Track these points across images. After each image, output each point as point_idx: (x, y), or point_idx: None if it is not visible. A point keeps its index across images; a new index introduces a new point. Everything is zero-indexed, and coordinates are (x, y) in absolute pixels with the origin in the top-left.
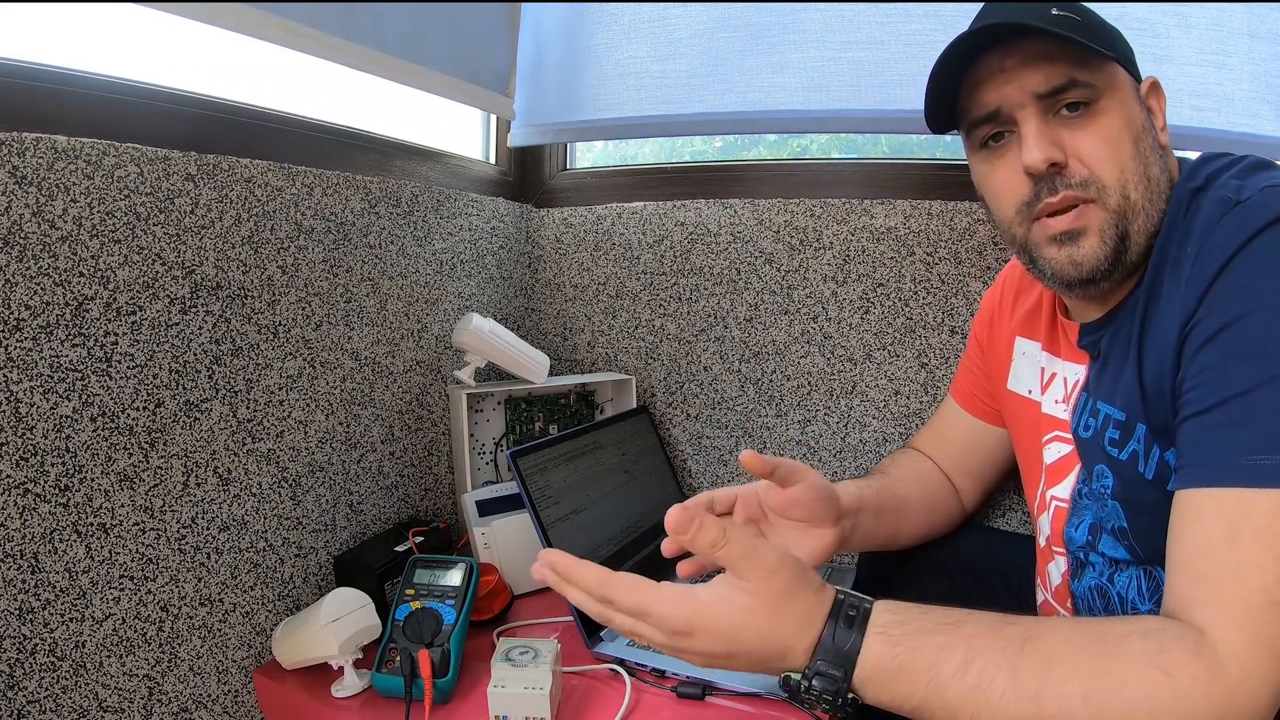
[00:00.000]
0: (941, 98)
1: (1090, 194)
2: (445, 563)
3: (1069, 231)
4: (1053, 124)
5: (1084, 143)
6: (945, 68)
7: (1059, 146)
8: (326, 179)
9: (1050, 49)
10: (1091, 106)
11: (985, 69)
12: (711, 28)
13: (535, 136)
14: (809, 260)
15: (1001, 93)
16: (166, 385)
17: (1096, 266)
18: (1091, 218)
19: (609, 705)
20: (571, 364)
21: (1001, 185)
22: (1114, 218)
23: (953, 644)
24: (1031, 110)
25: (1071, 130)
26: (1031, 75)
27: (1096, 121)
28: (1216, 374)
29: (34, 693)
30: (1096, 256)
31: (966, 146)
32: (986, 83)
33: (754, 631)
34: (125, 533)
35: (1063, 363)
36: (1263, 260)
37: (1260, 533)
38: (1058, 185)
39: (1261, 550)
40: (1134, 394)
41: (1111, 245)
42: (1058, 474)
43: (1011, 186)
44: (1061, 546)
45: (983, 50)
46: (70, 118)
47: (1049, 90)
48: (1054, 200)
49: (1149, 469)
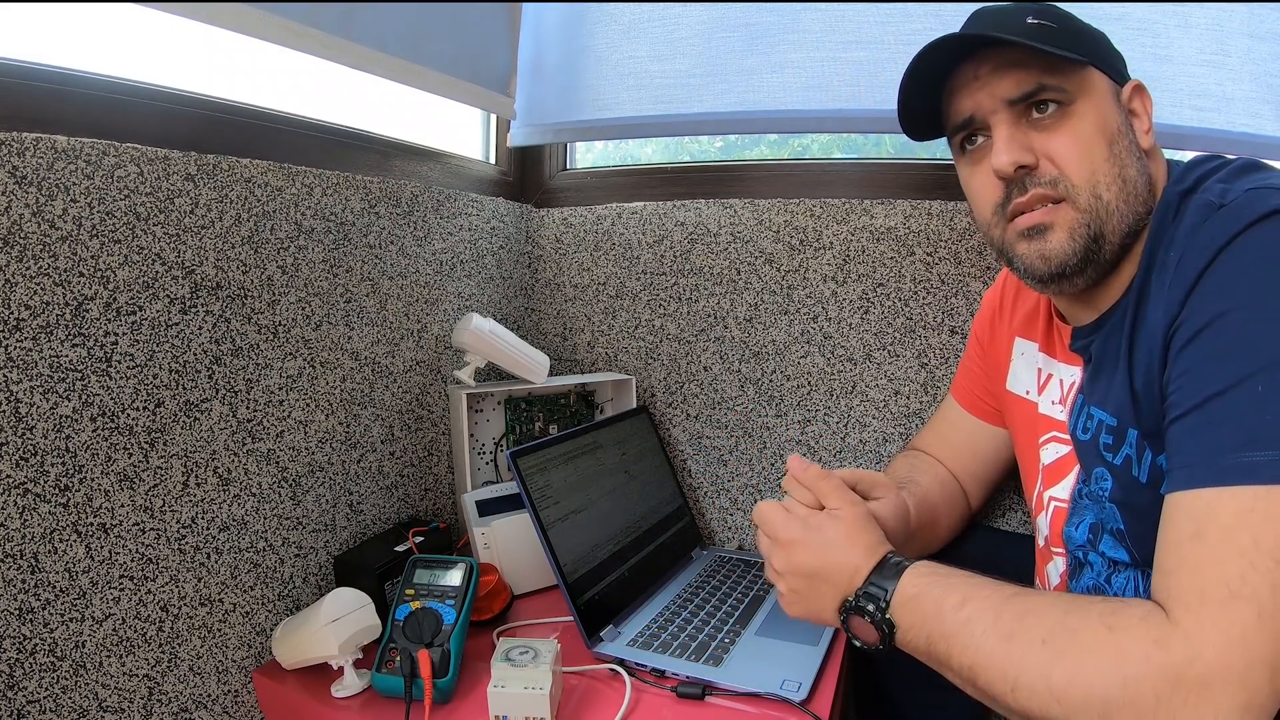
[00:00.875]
0: (920, 104)
1: (1059, 192)
2: (445, 563)
3: (1036, 226)
4: (1024, 128)
5: (1055, 144)
6: (918, 76)
7: (1029, 150)
8: (326, 179)
9: (1021, 56)
10: (1063, 109)
11: (961, 77)
12: (711, 28)
13: (535, 136)
14: (809, 260)
15: (975, 99)
16: (166, 385)
17: (1065, 261)
18: (1060, 215)
19: (609, 705)
20: (571, 364)
21: (978, 188)
22: (1085, 216)
23: (959, 587)
24: (1003, 116)
25: (1043, 133)
26: (1002, 82)
27: (1067, 123)
28: (1196, 375)
29: (34, 693)
30: (1064, 251)
31: (951, 150)
32: (961, 90)
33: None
34: (125, 533)
35: (1059, 364)
36: (1242, 260)
37: (1227, 530)
38: (1027, 185)
39: (1226, 547)
40: (1125, 399)
41: (1081, 243)
42: (1055, 474)
43: (987, 189)
44: (1060, 546)
45: (960, 59)
46: (70, 118)
47: (1019, 96)
48: (1023, 200)
49: (1143, 473)
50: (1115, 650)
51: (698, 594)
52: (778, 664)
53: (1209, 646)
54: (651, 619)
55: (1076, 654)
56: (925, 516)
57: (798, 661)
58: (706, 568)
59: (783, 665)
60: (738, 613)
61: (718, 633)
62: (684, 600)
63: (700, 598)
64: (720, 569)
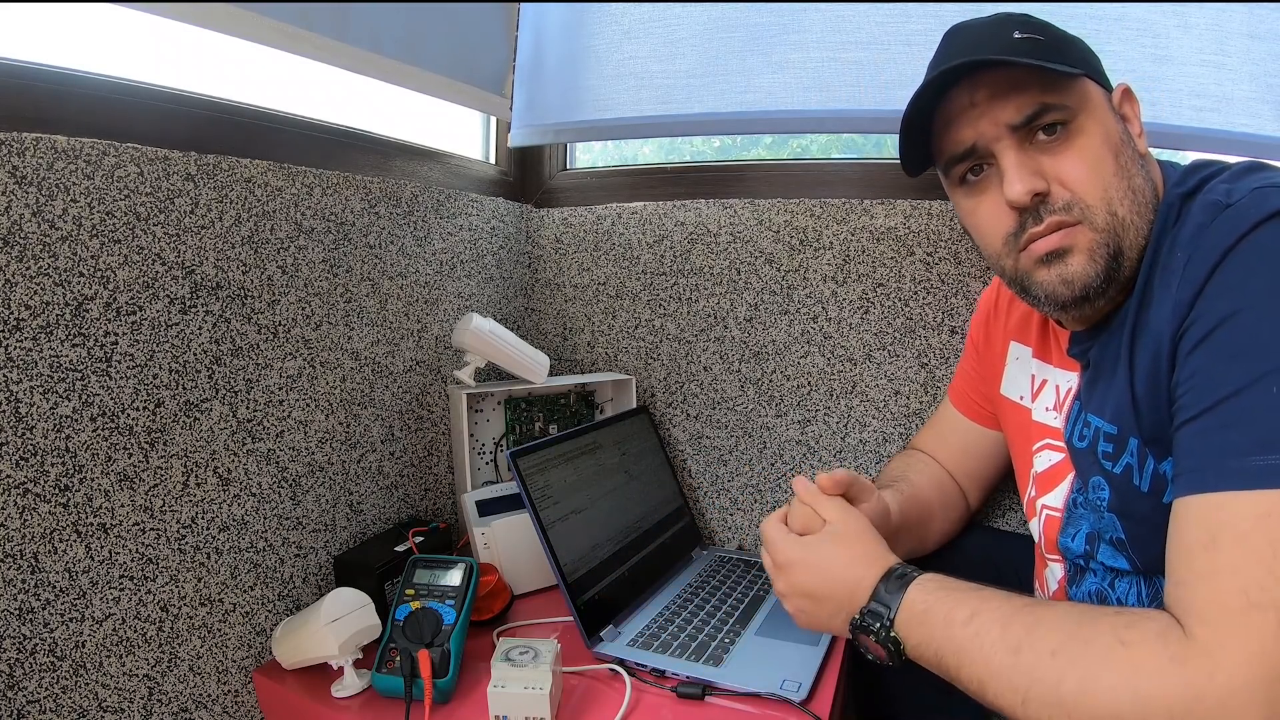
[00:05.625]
0: (915, 140)
1: (1075, 216)
2: (445, 563)
3: (1056, 250)
4: (1030, 152)
5: (1064, 166)
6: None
7: (1040, 175)
8: (326, 179)
9: (1017, 77)
10: (1068, 127)
11: (955, 105)
12: (712, 28)
13: (535, 137)
14: (809, 260)
15: (976, 128)
16: (166, 385)
17: (1089, 284)
18: (1079, 238)
19: (609, 705)
20: (571, 364)
21: (986, 220)
22: (1104, 236)
23: (967, 600)
24: (1008, 142)
25: (1051, 155)
26: (1002, 108)
27: (1075, 143)
28: (1206, 377)
29: (34, 693)
30: (1087, 274)
31: (946, 184)
32: (959, 119)
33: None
34: (125, 533)
35: (1054, 370)
36: (1252, 259)
37: (1243, 536)
38: (1042, 214)
39: (1243, 554)
40: (1125, 406)
41: (1103, 263)
42: (1048, 482)
43: (996, 220)
44: (1056, 554)
45: (949, 87)
46: (70, 118)
47: (1022, 120)
48: (1039, 229)
49: (1144, 481)
50: (1129, 664)
51: (698, 594)
52: (778, 664)
53: (1228, 661)
54: (651, 619)
55: (1088, 666)
56: (915, 514)
57: (798, 661)
58: (706, 568)
59: (783, 665)
60: (738, 613)
61: (718, 633)
62: (684, 600)
63: (700, 598)
64: (720, 569)
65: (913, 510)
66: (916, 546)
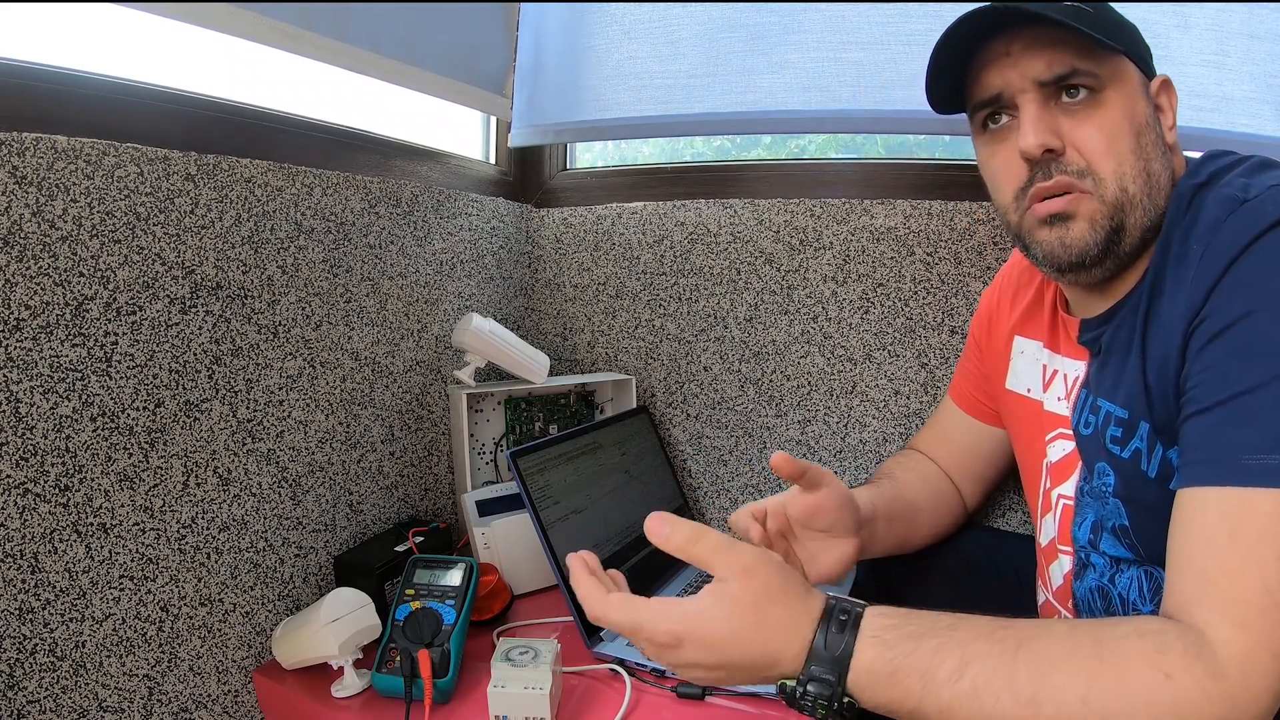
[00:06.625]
0: (946, 77)
1: (1085, 185)
2: (445, 563)
3: (1059, 214)
4: (1053, 110)
5: (1083, 132)
6: (950, 46)
7: (1057, 134)
8: (326, 179)
9: (1057, 36)
10: (1094, 95)
11: (991, 52)
12: (712, 28)
13: (535, 137)
14: (809, 260)
15: (1005, 77)
16: (166, 385)
17: (1085, 251)
18: (1083, 204)
19: (609, 705)
20: (571, 364)
21: (1000, 170)
22: (1108, 209)
23: (947, 647)
24: (1032, 96)
25: (1072, 118)
26: (1034, 61)
27: (1097, 112)
28: (1221, 372)
29: (34, 693)
30: (1085, 241)
31: (971, 128)
32: (990, 66)
33: (741, 638)
34: (125, 533)
35: (1063, 359)
36: (1269, 259)
37: (1262, 533)
38: (1053, 170)
39: (1264, 550)
40: (1137, 391)
41: (1103, 234)
42: (1062, 472)
43: (1009, 170)
44: (1068, 545)
45: (990, 33)
46: (70, 118)
47: (1051, 78)
48: (1048, 184)
49: (1152, 467)
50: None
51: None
52: None
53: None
54: None
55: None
56: (897, 510)
57: None
58: None
59: None
60: None
61: None
62: None
63: None
64: None
65: (894, 507)
66: (897, 544)
